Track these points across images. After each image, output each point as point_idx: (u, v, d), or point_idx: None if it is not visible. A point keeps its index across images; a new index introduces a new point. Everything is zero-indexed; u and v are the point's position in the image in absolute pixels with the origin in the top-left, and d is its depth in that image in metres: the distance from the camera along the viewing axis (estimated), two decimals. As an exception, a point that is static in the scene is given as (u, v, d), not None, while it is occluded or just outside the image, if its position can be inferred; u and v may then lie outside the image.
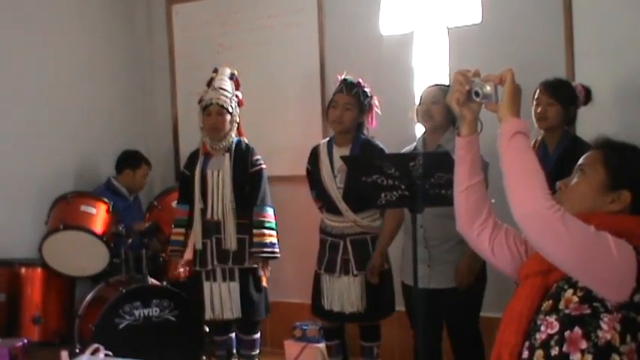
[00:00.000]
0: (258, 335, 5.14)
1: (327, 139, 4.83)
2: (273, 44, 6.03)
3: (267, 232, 4.91)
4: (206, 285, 4.91)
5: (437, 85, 4.52)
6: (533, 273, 2.15)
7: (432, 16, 5.30)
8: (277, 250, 4.95)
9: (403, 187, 3.44)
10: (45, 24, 5.72)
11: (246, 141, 5.07)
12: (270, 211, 4.97)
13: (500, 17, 5.10)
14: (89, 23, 6.19)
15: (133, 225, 5.47)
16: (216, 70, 5.07)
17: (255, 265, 4.92)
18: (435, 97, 4.33)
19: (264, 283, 5.04)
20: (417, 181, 3.40)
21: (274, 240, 4.94)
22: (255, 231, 4.90)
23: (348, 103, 4.60)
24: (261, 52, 6.06)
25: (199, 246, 4.92)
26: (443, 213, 4.08)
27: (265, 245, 4.89)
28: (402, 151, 4.46)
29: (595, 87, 4.39)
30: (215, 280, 4.90)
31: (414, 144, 4.46)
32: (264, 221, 4.92)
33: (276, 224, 4.99)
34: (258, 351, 5.17)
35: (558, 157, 4.09)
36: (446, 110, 4.34)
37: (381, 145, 4.64)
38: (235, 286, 4.87)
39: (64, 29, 5.92)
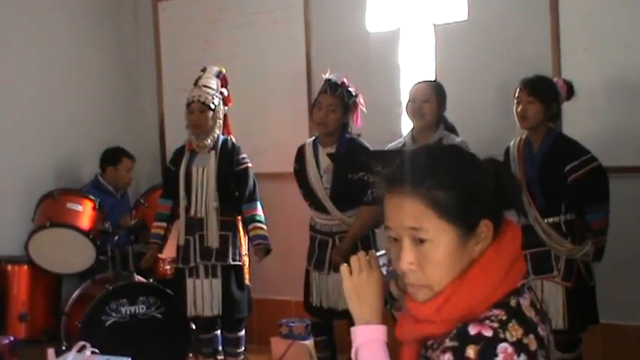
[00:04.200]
0: (242, 333, 5.14)
1: (313, 138, 4.82)
2: (259, 41, 6.02)
3: (259, 225, 4.95)
4: (189, 281, 4.92)
5: (426, 81, 4.53)
6: (408, 341, 1.82)
7: (418, 13, 5.30)
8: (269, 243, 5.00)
9: (390, 183, 3.45)
10: (29, 21, 5.69)
11: (234, 140, 5.07)
12: (258, 205, 5.01)
13: (486, 14, 5.11)
14: (74, 20, 6.17)
15: (120, 220, 5.48)
16: (204, 69, 5.07)
17: (239, 263, 4.94)
18: (426, 94, 4.34)
19: (247, 281, 5.05)
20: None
21: (266, 233, 4.97)
22: (250, 226, 4.94)
23: (332, 105, 4.58)
24: (247, 49, 6.06)
25: (182, 242, 4.94)
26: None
27: (264, 238, 4.94)
28: (388, 146, 4.47)
29: (582, 83, 4.42)
30: (198, 276, 4.91)
31: (401, 140, 4.45)
32: (255, 215, 4.97)
33: (265, 218, 5.01)
34: (243, 348, 5.17)
35: (544, 156, 4.11)
36: (437, 108, 4.36)
37: (366, 144, 4.64)
38: (217, 282, 4.88)
39: (49, 27, 5.89)
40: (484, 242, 1.69)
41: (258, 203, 5.02)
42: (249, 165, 5.03)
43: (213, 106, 4.89)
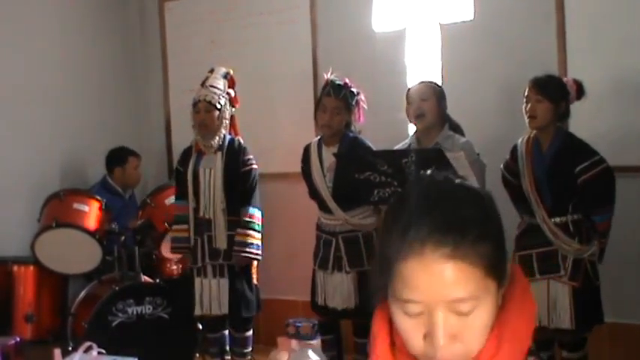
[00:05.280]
0: (250, 333, 5.15)
1: (318, 137, 4.83)
2: (265, 41, 6.03)
3: (250, 232, 4.92)
4: (197, 281, 4.93)
5: (423, 82, 4.50)
6: None
7: (424, 13, 5.29)
8: (259, 252, 4.95)
9: (396, 183, 3.44)
10: (35, 21, 5.70)
11: (241, 140, 5.07)
12: (256, 213, 4.99)
13: (492, 14, 5.11)
14: (81, 20, 6.17)
15: (127, 223, 5.48)
16: (212, 70, 5.08)
17: (239, 265, 4.93)
18: (423, 93, 4.32)
19: (255, 281, 5.04)
20: (409, 178, 3.40)
21: (258, 242, 4.95)
22: (239, 230, 4.91)
23: (337, 108, 4.60)
24: (253, 49, 6.06)
25: (191, 243, 4.94)
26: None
27: (247, 245, 4.90)
28: (395, 147, 4.46)
29: (587, 83, 4.40)
30: (206, 276, 4.91)
31: (407, 141, 4.44)
32: (249, 222, 4.94)
33: (261, 226, 5.00)
34: (250, 348, 5.18)
35: (554, 155, 4.09)
36: (437, 106, 4.33)
37: (368, 143, 4.64)
38: (225, 282, 4.88)
39: (55, 27, 5.90)
40: (504, 287, 1.39)
41: (257, 210, 4.99)
42: (255, 167, 5.02)
43: (219, 106, 4.89)
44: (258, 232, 4.96)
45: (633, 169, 4.73)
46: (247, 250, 4.89)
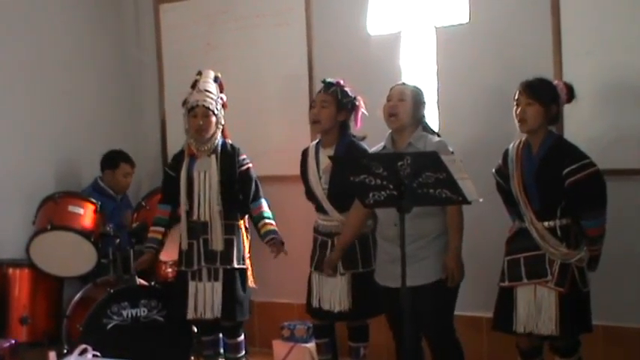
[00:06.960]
0: (242, 338, 5.12)
1: (317, 140, 4.84)
2: (261, 44, 6.03)
3: (268, 221, 4.99)
4: (191, 284, 4.90)
5: (405, 83, 4.50)
6: None
7: (419, 16, 5.30)
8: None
9: (391, 186, 3.44)
10: (31, 24, 5.70)
11: (231, 142, 5.06)
12: (263, 202, 5.04)
13: (487, 17, 5.11)
14: (76, 23, 6.17)
15: (123, 219, 5.48)
16: (200, 73, 5.06)
17: (243, 266, 4.95)
18: (402, 94, 4.31)
19: (252, 284, 5.05)
20: (405, 181, 3.40)
21: (276, 228, 5.00)
22: (260, 223, 4.98)
23: (325, 101, 4.63)
24: (249, 51, 6.06)
25: (185, 246, 4.93)
26: (417, 211, 4.07)
27: (275, 232, 4.96)
28: (371, 150, 4.46)
29: (583, 86, 4.40)
30: (200, 279, 4.90)
31: (382, 143, 4.43)
32: (262, 212, 5.01)
33: (273, 214, 5.04)
34: (243, 352, 5.16)
35: (543, 158, 4.07)
36: (412, 108, 4.32)
37: (365, 146, 4.64)
38: (218, 286, 4.87)
39: (51, 29, 5.90)
40: None
41: (263, 200, 5.05)
42: (250, 165, 5.03)
43: (216, 112, 4.90)
44: (272, 219, 5.03)
45: (630, 171, 4.73)
46: (277, 236, 4.95)
